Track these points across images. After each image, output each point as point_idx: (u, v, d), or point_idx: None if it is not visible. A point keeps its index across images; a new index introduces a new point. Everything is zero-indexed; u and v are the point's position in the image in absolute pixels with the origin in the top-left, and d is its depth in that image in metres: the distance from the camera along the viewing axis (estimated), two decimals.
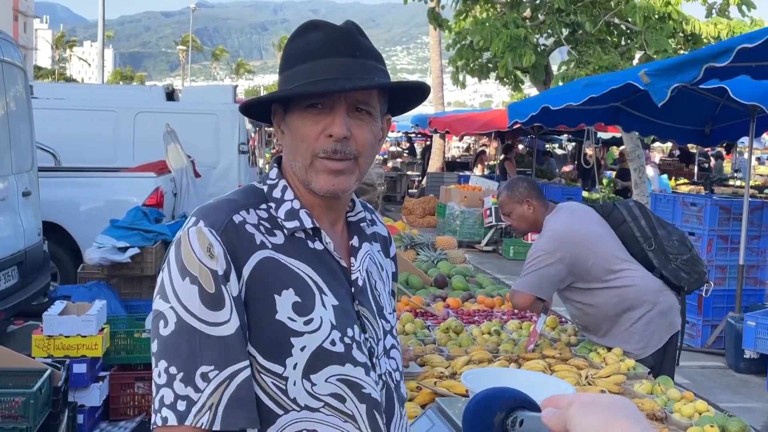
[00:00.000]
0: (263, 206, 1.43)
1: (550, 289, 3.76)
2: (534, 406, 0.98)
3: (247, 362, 1.32)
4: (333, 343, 1.38)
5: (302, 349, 1.35)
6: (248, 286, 1.34)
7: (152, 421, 1.31)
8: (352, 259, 1.50)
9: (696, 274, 3.90)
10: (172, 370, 1.29)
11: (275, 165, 1.51)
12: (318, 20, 1.46)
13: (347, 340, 1.40)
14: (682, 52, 12.73)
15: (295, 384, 1.35)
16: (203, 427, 1.28)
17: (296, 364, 1.35)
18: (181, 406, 1.27)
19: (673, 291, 3.89)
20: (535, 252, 3.73)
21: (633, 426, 0.81)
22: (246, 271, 1.34)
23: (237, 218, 1.37)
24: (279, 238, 1.40)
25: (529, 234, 4.25)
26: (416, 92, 1.52)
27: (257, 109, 1.52)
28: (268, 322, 1.34)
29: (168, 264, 1.34)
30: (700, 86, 5.71)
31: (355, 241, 1.52)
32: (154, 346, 1.33)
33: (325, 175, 1.40)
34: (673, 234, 3.96)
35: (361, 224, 1.56)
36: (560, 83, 12.19)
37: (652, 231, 3.87)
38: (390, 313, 1.58)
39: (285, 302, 1.35)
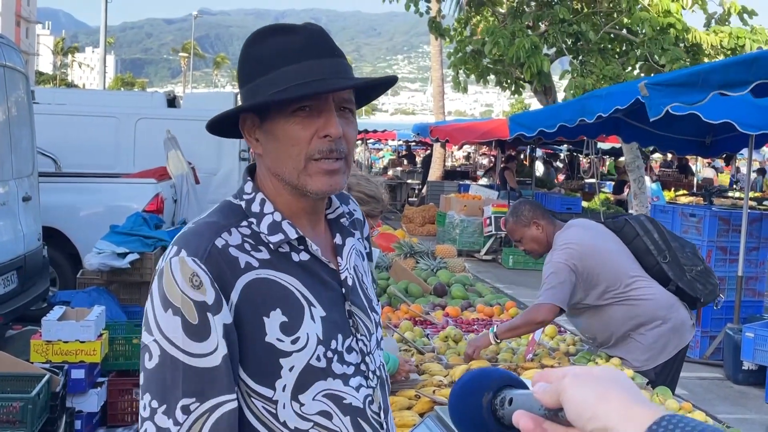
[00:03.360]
0: (244, 223, 1.40)
1: (570, 300, 3.73)
2: (521, 385, 0.96)
3: (231, 395, 1.31)
4: (318, 359, 1.37)
5: (291, 369, 1.35)
6: (237, 310, 1.32)
7: None
8: (339, 259, 1.49)
9: (710, 285, 3.91)
10: (154, 403, 1.28)
11: (248, 178, 1.47)
12: (282, 23, 1.44)
13: (329, 354, 1.39)
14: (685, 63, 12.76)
15: (284, 407, 1.35)
16: None
17: (285, 385, 1.35)
18: None
19: (688, 304, 3.89)
20: (551, 266, 3.73)
21: (627, 395, 0.80)
22: (234, 296, 1.32)
23: (219, 242, 1.34)
24: (264, 254, 1.38)
25: None
26: (381, 86, 1.52)
27: (223, 124, 1.46)
28: (258, 345, 1.33)
29: (151, 295, 1.32)
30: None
31: (338, 239, 1.52)
32: (141, 379, 1.32)
33: (321, 176, 1.39)
34: (686, 246, 3.98)
35: (341, 219, 1.55)
36: (571, 92, 12.23)
37: (665, 244, 3.88)
38: (377, 305, 1.58)
39: (273, 323, 1.34)
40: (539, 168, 20.11)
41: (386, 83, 1.50)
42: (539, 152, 22.28)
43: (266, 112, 1.39)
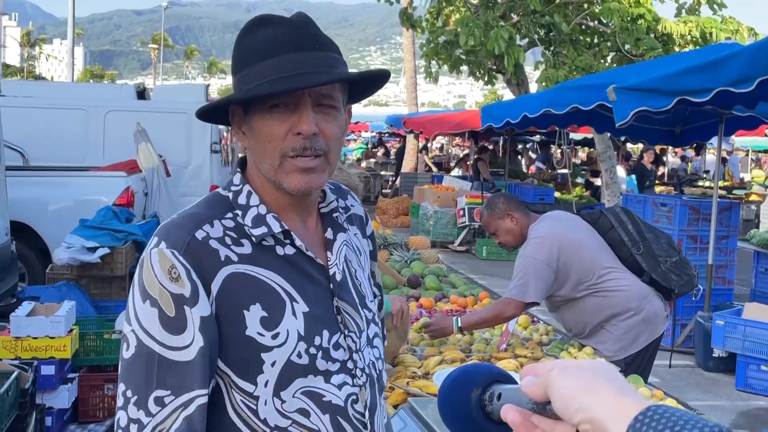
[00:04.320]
0: (229, 215, 1.40)
1: (542, 294, 3.73)
2: (511, 381, 0.97)
3: (204, 390, 1.31)
4: (299, 355, 1.36)
5: (273, 365, 1.34)
6: (218, 302, 1.32)
7: None
8: (328, 253, 1.47)
9: (686, 276, 3.93)
10: (129, 393, 1.29)
11: (238, 169, 1.48)
12: (270, 15, 1.42)
13: (312, 350, 1.38)
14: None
15: (266, 403, 1.34)
16: None
17: (267, 381, 1.34)
18: (133, 429, 1.28)
19: (662, 296, 3.91)
20: (522, 261, 3.74)
21: (614, 387, 0.80)
22: (215, 287, 1.32)
23: (200, 234, 1.34)
24: (246, 248, 1.37)
25: None
26: (375, 80, 1.50)
27: (214, 113, 1.47)
28: (239, 339, 1.33)
29: (133, 286, 1.33)
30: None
31: (329, 234, 1.50)
32: (119, 368, 1.33)
33: (296, 174, 1.37)
34: (661, 237, 3.99)
35: (334, 214, 1.53)
36: (543, 84, 12.29)
37: (639, 235, 3.90)
38: (371, 301, 1.56)
39: (254, 317, 1.34)
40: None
41: (378, 77, 1.47)
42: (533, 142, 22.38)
43: (249, 107, 1.38)
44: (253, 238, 1.38)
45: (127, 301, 1.33)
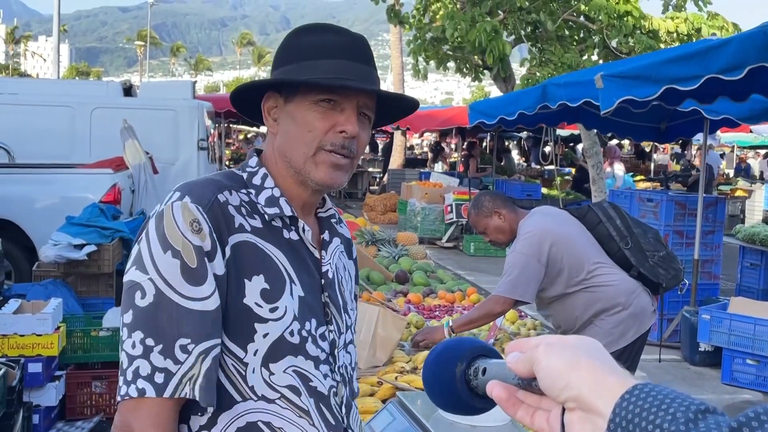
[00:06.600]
0: (243, 191, 1.46)
1: (533, 291, 3.71)
2: (495, 355, 0.96)
3: (219, 341, 1.35)
4: (291, 333, 1.40)
5: (264, 336, 1.38)
6: (227, 265, 1.36)
7: (123, 393, 1.30)
8: (323, 252, 1.53)
9: (673, 270, 3.93)
10: (149, 341, 1.29)
11: (254, 154, 1.53)
12: (333, 24, 1.52)
13: (304, 333, 1.42)
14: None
15: (254, 371, 1.37)
16: (186, 397, 1.30)
17: (257, 350, 1.37)
18: (159, 378, 1.29)
19: (650, 290, 3.92)
20: (513, 257, 3.73)
21: (601, 365, 0.80)
22: (227, 251, 1.36)
23: (222, 197, 1.40)
24: (258, 222, 1.43)
25: None
26: (401, 109, 1.61)
27: (250, 94, 1.53)
28: (236, 305, 1.37)
29: (147, 236, 1.34)
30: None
31: (326, 236, 1.56)
32: (128, 317, 1.32)
33: (326, 167, 1.44)
34: (648, 232, 3.99)
35: (332, 220, 1.60)
36: (527, 82, 12.30)
37: (627, 230, 3.89)
38: (351, 309, 1.61)
39: (254, 288, 1.38)
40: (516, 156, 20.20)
41: (407, 107, 1.59)
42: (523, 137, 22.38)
43: (293, 95, 1.45)
44: (266, 216, 1.44)
45: (139, 250, 1.34)
